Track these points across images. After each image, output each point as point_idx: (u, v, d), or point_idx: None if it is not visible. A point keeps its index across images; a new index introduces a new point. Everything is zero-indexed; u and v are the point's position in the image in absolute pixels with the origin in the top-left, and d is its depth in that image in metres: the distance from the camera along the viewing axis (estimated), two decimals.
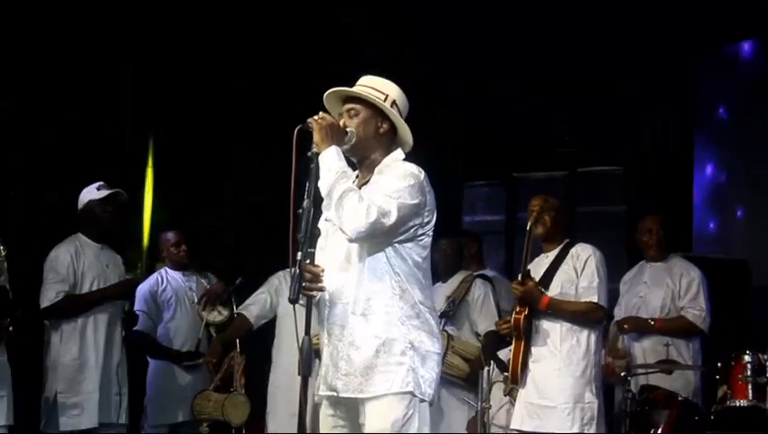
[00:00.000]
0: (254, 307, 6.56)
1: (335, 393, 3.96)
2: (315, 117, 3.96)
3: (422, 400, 3.92)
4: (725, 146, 8.72)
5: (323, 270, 3.93)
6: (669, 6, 7.80)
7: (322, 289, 3.92)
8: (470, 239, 7.38)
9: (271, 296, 6.53)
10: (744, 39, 8.02)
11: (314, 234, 3.86)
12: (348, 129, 4.03)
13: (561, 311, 5.73)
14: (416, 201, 3.93)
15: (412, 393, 3.88)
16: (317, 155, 3.91)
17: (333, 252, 4.06)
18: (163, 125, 8.30)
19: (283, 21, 8.16)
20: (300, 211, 3.79)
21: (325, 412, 4.07)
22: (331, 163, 3.90)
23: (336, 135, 3.95)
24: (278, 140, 4.24)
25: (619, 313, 6.68)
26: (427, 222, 4.02)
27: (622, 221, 8.59)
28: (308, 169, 3.89)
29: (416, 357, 3.90)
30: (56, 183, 7.49)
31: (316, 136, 3.92)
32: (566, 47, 8.17)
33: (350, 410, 4.00)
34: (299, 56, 8.21)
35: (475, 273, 6.78)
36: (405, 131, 4.13)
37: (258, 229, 8.08)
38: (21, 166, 7.49)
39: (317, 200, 3.84)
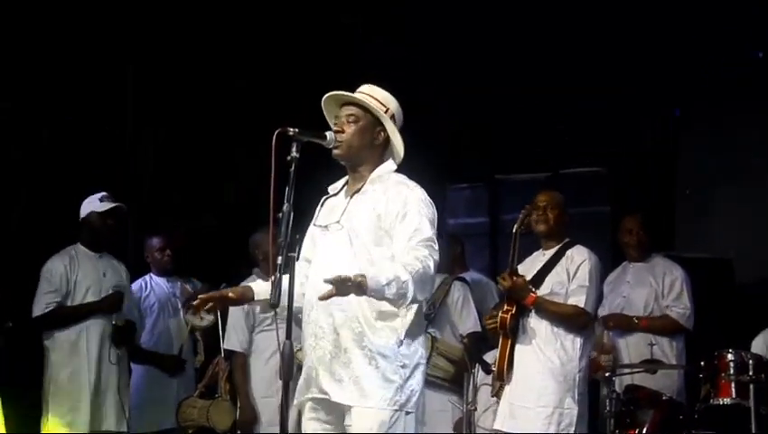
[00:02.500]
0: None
1: (327, 396, 3.98)
2: None
3: (408, 413, 3.99)
4: (709, 147, 8.73)
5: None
6: (666, 8, 7.81)
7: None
8: (452, 241, 7.37)
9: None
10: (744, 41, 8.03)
11: (294, 239, 3.85)
12: (327, 133, 4.05)
13: (546, 310, 5.71)
14: (434, 233, 4.02)
15: (400, 409, 3.96)
16: (296, 159, 3.89)
17: (323, 257, 4.09)
18: (162, 125, 8.29)
19: (282, 21, 8.14)
20: (280, 215, 3.78)
21: (308, 415, 4.10)
22: (380, 286, 3.82)
23: (356, 286, 3.80)
24: (257, 139, 4.25)
25: (602, 313, 6.68)
26: None
27: (606, 222, 8.58)
28: (287, 173, 3.89)
29: (407, 371, 3.98)
30: (56, 183, 7.49)
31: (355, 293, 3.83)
32: (561, 50, 8.17)
33: (335, 411, 4.03)
34: (299, 56, 8.20)
35: (453, 276, 6.77)
36: (399, 145, 4.16)
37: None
38: (20, 166, 7.46)
39: (296, 205, 3.84)
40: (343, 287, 3.76)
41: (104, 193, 6.56)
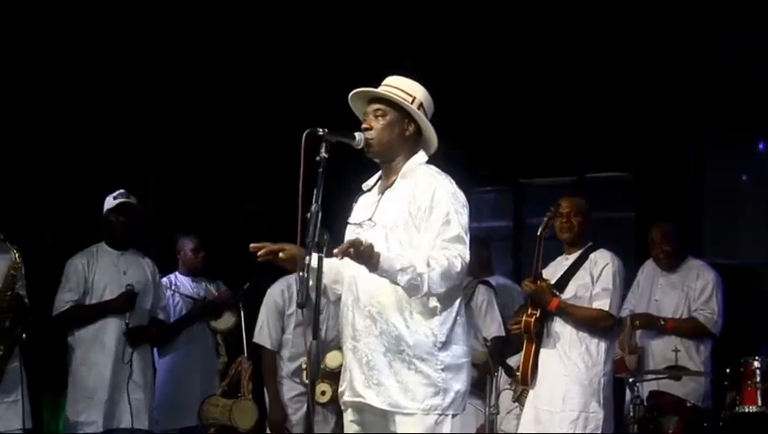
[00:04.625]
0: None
1: (362, 400, 3.96)
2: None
3: (454, 415, 3.95)
4: (737, 152, 8.69)
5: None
6: (680, 10, 7.78)
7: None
8: (479, 246, 7.34)
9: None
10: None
11: (322, 240, 3.83)
12: (356, 133, 4.02)
13: (570, 315, 5.71)
14: (467, 224, 3.96)
15: (444, 412, 3.91)
16: (325, 159, 3.86)
17: None
18: (167, 130, 8.29)
19: (285, 23, 8.16)
20: (308, 215, 3.75)
21: (348, 418, 4.07)
22: (394, 271, 3.80)
23: (367, 256, 3.78)
24: (282, 141, 4.24)
25: (627, 307, 6.65)
26: None
27: (630, 228, 8.54)
28: (316, 174, 3.87)
29: (448, 374, 3.92)
30: (58, 187, 7.51)
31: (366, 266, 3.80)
32: (586, 53, 8.15)
33: (375, 415, 3.98)
34: (300, 58, 8.20)
35: (478, 280, 6.75)
36: (430, 133, 4.10)
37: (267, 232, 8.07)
38: (21, 169, 7.49)
39: (325, 205, 3.83)
40: (357, 250, 3.71)
41: (120, 191, 6.55)
